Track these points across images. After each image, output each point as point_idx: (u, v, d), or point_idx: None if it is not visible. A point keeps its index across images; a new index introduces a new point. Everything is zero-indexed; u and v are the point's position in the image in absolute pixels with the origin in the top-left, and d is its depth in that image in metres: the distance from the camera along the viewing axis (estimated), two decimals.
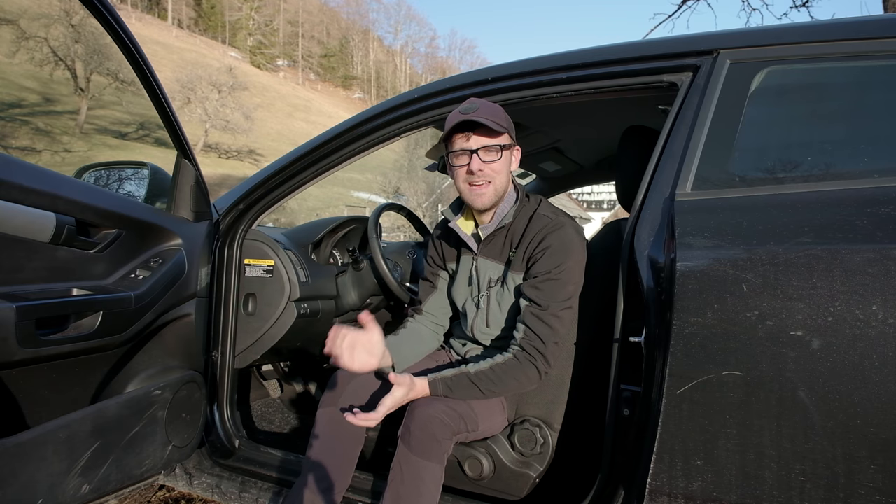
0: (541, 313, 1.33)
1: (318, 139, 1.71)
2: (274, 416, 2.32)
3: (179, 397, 1.56)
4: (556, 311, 1.33)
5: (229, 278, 1.75)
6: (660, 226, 1.15)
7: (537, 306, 1.33)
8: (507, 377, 1.32)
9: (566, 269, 1.34)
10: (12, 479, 1.11)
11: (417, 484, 1.23)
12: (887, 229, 0.94)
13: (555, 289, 1.33)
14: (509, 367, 1.33)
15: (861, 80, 1.20)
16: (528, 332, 1.33)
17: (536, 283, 1.35)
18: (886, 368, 0.89)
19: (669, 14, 5.92)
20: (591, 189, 26.63)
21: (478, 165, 1.35)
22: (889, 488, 0.90)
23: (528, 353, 1.33)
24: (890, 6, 4.21)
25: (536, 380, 1.34)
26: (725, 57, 1.24)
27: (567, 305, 1.35)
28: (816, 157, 1.15)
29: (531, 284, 1.35)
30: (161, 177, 1.66)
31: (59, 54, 25.02)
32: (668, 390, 1.02)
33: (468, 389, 1.33)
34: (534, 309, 1.34)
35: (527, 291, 1.36)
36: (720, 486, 1.00)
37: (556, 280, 1.33)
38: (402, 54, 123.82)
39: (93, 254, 1.35)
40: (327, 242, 2.22)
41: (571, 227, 1.39)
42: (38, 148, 21.12)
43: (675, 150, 1.20)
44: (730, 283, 0.99)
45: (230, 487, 1.66)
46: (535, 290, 1.34)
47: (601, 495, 1.23)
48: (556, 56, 1.45)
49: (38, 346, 1.15)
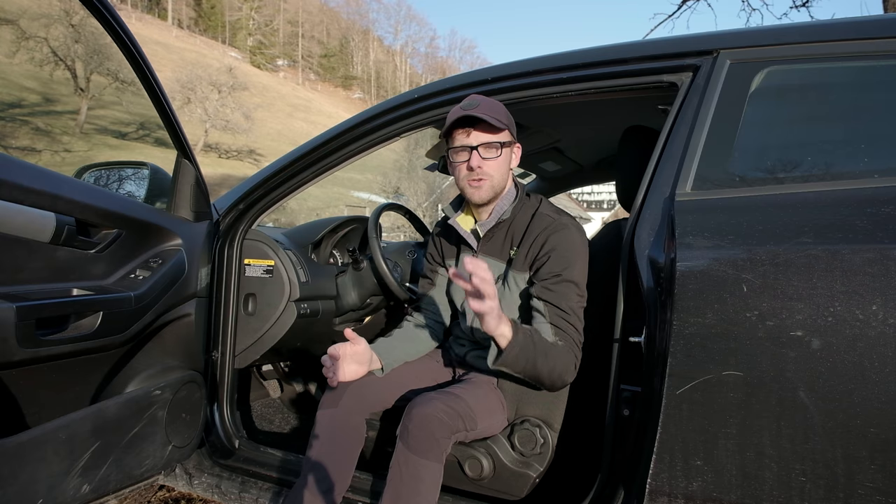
0: (563, 314, 1.33)
1: (318, 139, 1.71)
2: (274, 416, 2.32)
3: (179, 397, 1.56)
4: (575, 309, 1.34)
5: (229, 278, 1.75)
6: (660, 226, 1.15)
7: (559, 309, 1.34)
8: (560, 357, 1.29)
9: (575, 270, 1.35)
10: (12, 479, 1.11)
11: (416, 483, 1.23)
12: (887, 229, 0.94)
13: (567, 290, 1.34)
14: (560, 350, 1.30)
15: (861, 80, 1.20)
16: (558, 332, 1.33)
17: (548, 285, 1.35)
18: (886, 368, 0.89)
19: (669, 14, 5.92)
20: (591, 189, 26.62)
21: (477, 162, 1.35)
22: (889, 488, 0.90)
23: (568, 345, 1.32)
24: (890, 6, 4.21)
25: (573, 372, 1.32)
26: (725, 57, 1.24)
27: (581, 304, 1.36)
28: (816, 157, 1.15)
29: (544, 286, 1.36)
30: (161, 177, 1.66)
31: (59, 54, 25.00)
32: (668, 390, 1.02)
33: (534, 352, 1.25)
34: (554, 310, 1.34)
35: (541, 294, 1.36)
36: (720, 486, 1.00)
37: (568, 281, 1.35)
38: (402, 54, 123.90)
39: (93, 254, 1.35)
40: (327, 242, 2.22)
41: (575, 228, 1.40)
42: (38, 148, 21.11)
43: (675, 150, 1.20)
44: (730, 283, 0.99)
45: (230, 487, 1.66)
46: (549, 292, 1.35)
47: (601, 495, 1.23)
48: (556, 56, 1.45)
49: (38, 346, 1.15)
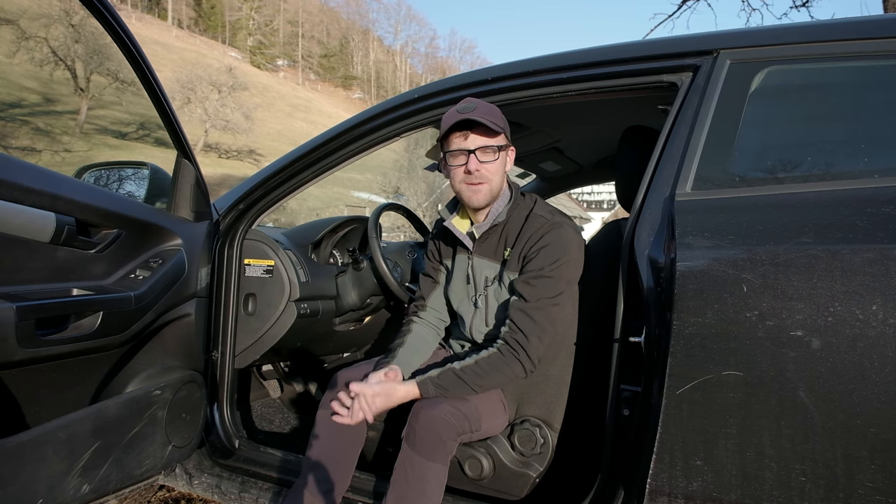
0: (525, 307, 1.33)
1: (318, 139, 1.71)
2: (274, 416, 2.32)
3: (179, 397, 1.56)
4: (542, 306, 1.33)
5: (229, 278, 1.75)
6: (660, 226, 1.15)
7: (524, 301, 1.34)
8: (492, 371, 1.33)
9: (559, 268, 1.34)
10: (12, 479, 1.11)
11: (422, 485, 1.23)
12: (887, 229, 0.94)
13: (545, 286, 1.33)
14: (493, 361, 1.33)
15: (861, 80, 1.20)
16: (512, 326, 1.34)
17: (528, 279, 1.35)
18: (886, 368, 0.89)
19: (669, 14, 5.91)
20: (591, 189, 26.63)
21: (475, 165, 1.35)
22: (889, 488, 0.90)
23: (510, 346, 1.33)
24: (890, 6, 4.20)
25: (521, 374, 1.34)
26: (725, 57, 1.24)
27: (554, 303, 1.34)
28: (816, 157, 1.15)
29: (523, 280, 1.36)
30: (161, 177, 1.66)
31: (59, 54, 24.98)
32: (668, 390, 1.02)
33: (457, 386, 1.33)
34: (520, 304, 1.34)
35: (517, 287, 1.36)
36: (720, 486, 1.00)
37: (548, 278, 1.34)
38: (402, 54, 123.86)
39: (93, 254, 1.35)
40: (327, 242, 2.22)
41: (569, 227, 1.39)
42: (38, 148, 21.09)
43: (675, 150, 1.20)
44: (730, 283, 0.99)
45: (230, 487, 1.66)
46: (525, 286, 1.35)
47: (601, 495, 1.23)
48: (555, 56, 1.45)
49: (38, 346, 1.15)
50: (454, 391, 1.33)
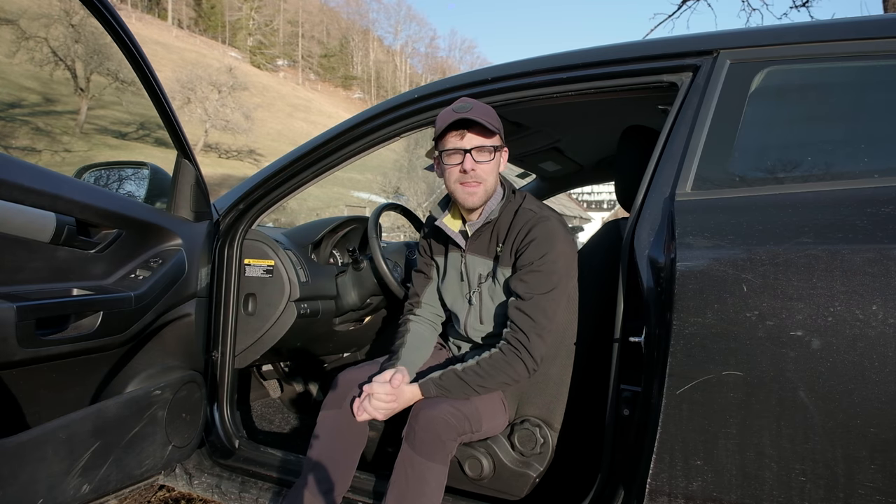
0: (522, 305, 1.33)
1: (318, 139, 1.71)
2: (274, 416, 2.32)
3: (179, 397, 1.56)
4: (539, 302, 1.33)
5: (229, 278, 1.75)
6: (660, 226, 1.15)
7: (520, 299, 1.34)
8: (495, 371, 1.33)
9: (549, 261, 1.34)
10: (12, 479, 1.11)
11: (421, 485, 1.23)
12: (887, 229, 0.94)
13: (538, 280, 1.33)
14: (495, 361, 1.33)
15: (861, 80, 1.20)
16: (513, 326, 1.34)
17: (521, 276, 1.35)
18: (886, 368, 0.89)
19: (669, 14, 5.91)
20: (591, 189, 26.63)
21: (471, 165, 1.35)
22: (889, 488, 0.90)
23: (512, 346, 1.33)
24: (890, 6, 4.20)
25: (524, 374, 1.34)
26: (725, 57, 1.24)
27: (550, 297, 1.34)
28: (816, 157, 1.15)
29: (517, 277, 1.36)
30: (161, 177, 1.66)
31: (59, 54, 24.98)
32: (668, 390, 1.02)
33: (459, 387, 1.33)
34: (517, 302, 1.35)
35: (512, 285, 1.37)
36: (720, 486, 1.00)
37: (538, 272, 1.34)
38: (402, 54, 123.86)
39: (93, 254, 1.35)
40: (327, 242, 2.21)
41: (555, 220, 1.40)
42: (38, 148, 21.10)
43: (675, 150, 1.20)
44: (730, 283, 0.99)
45: (230, 487, 1.66)
46: (519, 283, 1.35)
47: (601, 495, 1.23)
48: (555, 56, 1.45)
49: (38, 346, 1.15)
50: (456, 392, 1.34)
